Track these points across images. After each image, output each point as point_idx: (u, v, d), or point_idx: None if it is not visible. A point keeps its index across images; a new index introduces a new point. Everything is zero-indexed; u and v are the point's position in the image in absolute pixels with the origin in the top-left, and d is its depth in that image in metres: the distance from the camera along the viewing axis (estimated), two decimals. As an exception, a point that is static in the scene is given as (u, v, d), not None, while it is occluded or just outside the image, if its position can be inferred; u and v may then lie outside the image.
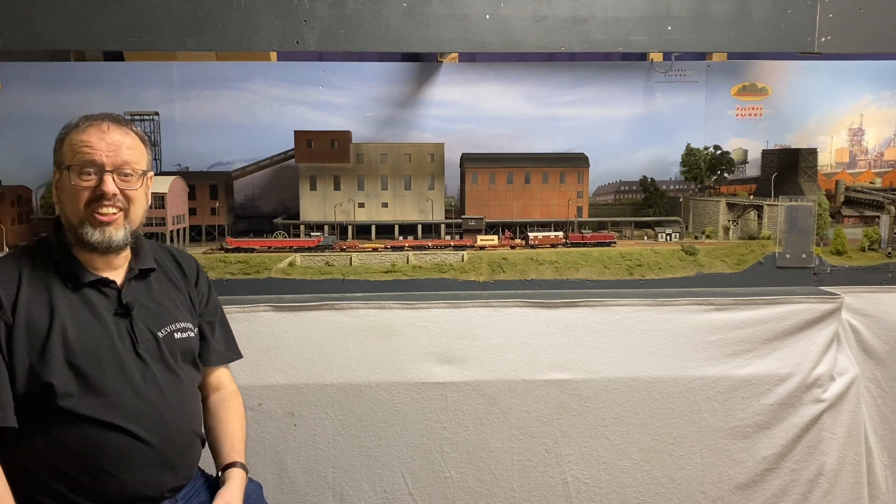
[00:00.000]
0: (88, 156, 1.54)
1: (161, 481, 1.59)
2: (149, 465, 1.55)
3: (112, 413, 1.51)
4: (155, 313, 1.65)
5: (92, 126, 1.56)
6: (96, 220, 1.54)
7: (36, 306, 1.50)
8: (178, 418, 1.62)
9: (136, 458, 1.54)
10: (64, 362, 1.48)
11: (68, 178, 1.54)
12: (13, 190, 2.64)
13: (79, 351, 1.50)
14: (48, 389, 1.46)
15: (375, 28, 2.20)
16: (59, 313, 1.51)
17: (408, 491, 2.44)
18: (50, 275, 1.54)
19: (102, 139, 1.55)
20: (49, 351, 1.47)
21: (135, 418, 1.53)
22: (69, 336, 1.50)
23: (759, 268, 2.68)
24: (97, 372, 1.51)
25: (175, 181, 2.65)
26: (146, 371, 1.58)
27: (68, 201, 1.55)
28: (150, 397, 1.57)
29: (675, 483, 2.51)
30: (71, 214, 1.55)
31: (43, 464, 1.48)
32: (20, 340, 1.46)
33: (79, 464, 1.49)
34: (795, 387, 2.49)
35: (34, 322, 1.48)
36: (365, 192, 2.93)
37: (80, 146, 1.54)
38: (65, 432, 1.48)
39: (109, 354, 1.54)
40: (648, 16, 2.28)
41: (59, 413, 1.47)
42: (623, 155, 3.18)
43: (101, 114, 1.61)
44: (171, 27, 2.15)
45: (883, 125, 3.25)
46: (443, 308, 2.42)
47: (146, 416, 1.55)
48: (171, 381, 1.62)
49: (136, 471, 1.54)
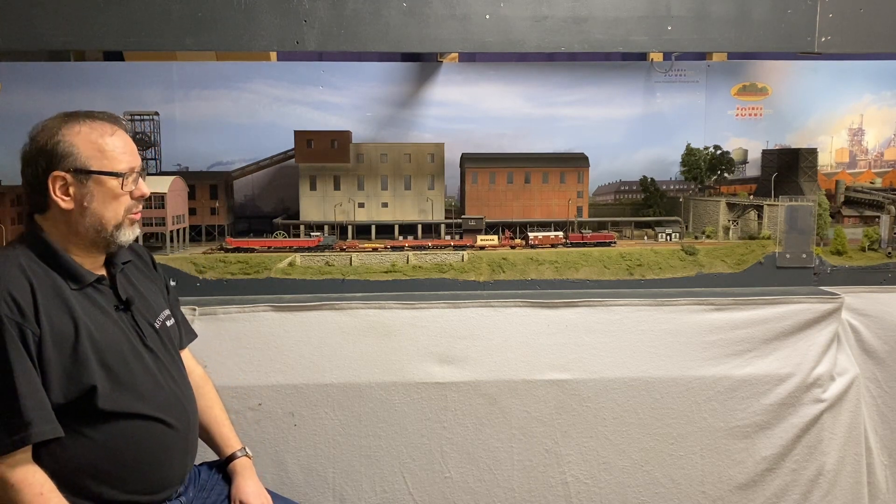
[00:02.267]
0: (130, 162, 1.58)
1: (186, 464, 1.67)
2: (180, 451, 1.63)
3: (145, 405, 1.55)
4: (145, 305, 1.68)
5: (119, 130, 1.59)
6: (132, 220, 1.60)
7: (55, 312, 1.48)
8: (191, 403, 1.70)
9: (171, 445, 1.60)
10: (97, 363, 1.49)
11: (112, 184, 1.54)
12: (13, 190, 2.64)
13: (106, 350, 1.52)
14: (90, 392, 1.47)
15: (375, 28, 2.20)
16: (79, 315, 1.50)
17: (408, 491, 2.44)
18: (52, 276, 1.53)
19: (127, 143, 1.60)
20: (82, 354, 1.47)
21: (163, 407, 1.58)
22: (95, 336, 1.51)
23: (759, 268, 2.68)
24: (124, 368, 1.54)
25: (175, 181, 2.64)
26: (157, 362, 1.62)
27: (105, 206, 1.55)
28: (169, 386, 1.62)
29: (675, 483, 2.51)
30: (108, 219, 1.55)
31: (81, 467, 1.48)
32: (50, 349, 1.44)
33: (120, 460, 1.51)
34: (795, 387, 2.49)
35: (59, 328, 1.47)
36: (365, 192, 2.93)
37: (118, 152, 1.56)
38: (101, 431, 1.50)
39: (129, 349, 1.57)
40: (648, 16, 2.28)
41: (97, 414, 1.48)
42: (623, 155, 3.18)
43: (103, 113, 1.61)
44: (171, 27, 2.15)
45: (883, 125, 3.25)
46: (443, 308, 2.42)
47: (170, 404, 1.60)
48: (177, 369, 1.69)
49: (171, 457, 1.60)
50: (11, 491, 1.40)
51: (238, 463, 1.82)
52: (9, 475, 1.40)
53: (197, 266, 2.51)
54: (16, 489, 1.40)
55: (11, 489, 1.40)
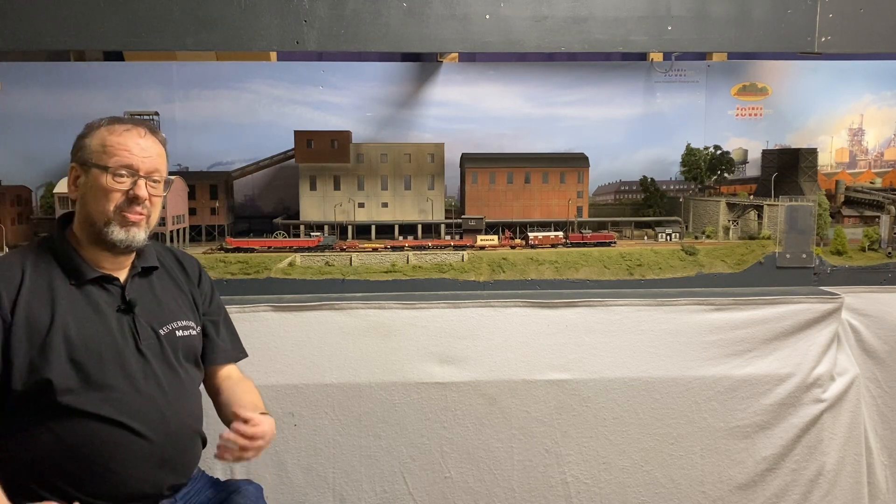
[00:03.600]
0: (127, 159, 1.58)
1: (160, 479, 1.60)
2: (148, 462, 1.56)
3: (112, 408, 1.52)
4: (157, 311, 1.67)
5: (130, 131, 1.61)
6: (125, 220, 1.58)
7: (37, 303, 1.52)
8: (179, 416, 1.63)
9: (136, 454, 1.55)
10: (65, 358, 1.50)
11: (100, 178, 1.57)
12: (13, 190, 2.64)
13: (80, 347, 1.51)
14: (47, 386, 1.47)
15: (375, 28, 2.20)
16: (61, 309, 1.52)
17: (408, 491, 2.44)
18: (53, 271, 1.57)
19: (139, 144, 1.60)
20: (50, 347, 1.49)
21: (135, 414, 1.54)
22: (70, 332, 1.52)
23: (759, 268, 2.68)
24: (98, 367, 1.53)
25: (175, 181, 2.64)
26: (147, 368, 1.59)
27: (95, 200, 1.58)
28: (151, 394, 1.58)
29: (675, 483, 2.51)
30: (97, 213, 1.58)
31: (41, 458, 1.49)
32: (19, 338, 1.48)
33: (78, 459, 1.50)
34: (795, 387, 2.49)
35: (35, 319, 1.50)
36: (365, 192, 2.92)
37: (118, 149, 1.58)
38: (64, 427, 1.49)
39: (110, 350, 1.55)
40: (648, 16, 2.27)
41: (59, 409, 1.49)
42: (623, 155, 3.18)
43: (133, 118, 1.69)
44: (171, 27, 2.15)
45: (883, 125, 3.24)
46: (443, 308, 2.42)
47: (146, 412, 1.56)
48: (171, 379, 1.64)
49: (135, 467, 1.55)
50: None
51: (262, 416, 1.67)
52: None
53: (197, 266, 2.51)
54: None
55: None
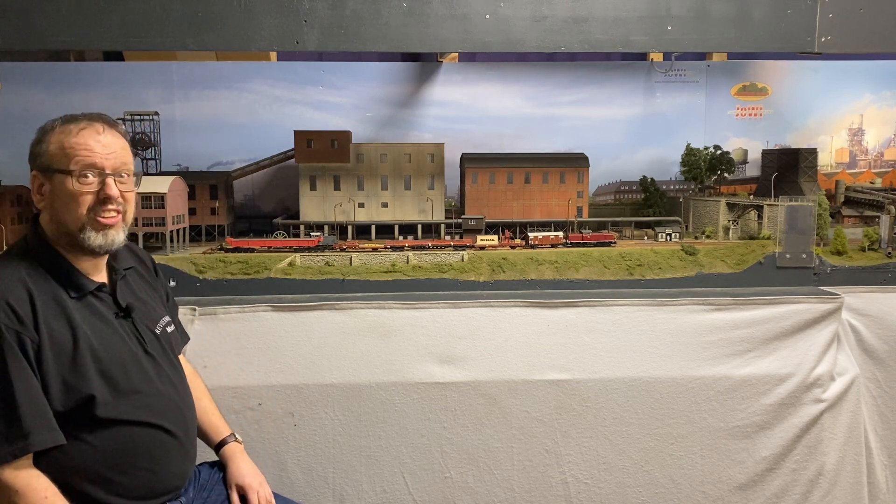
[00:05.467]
0: (89, 159, 1.50)
1: (186, 470, 1.67)
2: (179, 457, 1.62)
3: (143, 412, 1.54)
4: (145, 311, 1.68)
5: (86, 129, 1.53)
6: (99, 224, 1.52)
7: (54, 320, 1.47)
8: (190, 409, 1.70)
9: (170, 452, 1.59)
10: (96, 372, 1.49)
11: (65, 182, 1.50)
12: (13, 190, 2.64)
13: (105, 359, 1.51)
14: (89, 401, 1.46)
15: (375, 28, 2.20)
16: (78, 324, 1.49)
17: (408, 491, 2.44)
18: (52, 285, 1.50)
19: (99, 141, 1.52)
20: (81, 364, 1.47)
21: (162, 414, 1.58)
22: (94, 345, 1.50)
23: (759, 268, 2.68)
24: (124, 376, 1.53)
25: (175, 181, 2.64)
26: (158, 368, 1.62)
27: (64, 207, 1.50)
28: (168, 393, 1.62)
29: (675, 483, 2.51)
30: (69, 220, 1.51)
31: (79, 471, 1.48)
32: (48, 357, 1.44)
33: (116, 464, 1.51)
34: (795, 387, 2.49)
35: (57, 337, 1.46)
36: (365, 192, 2.93)
37: (79, 149, 1.50)
38: (101, 438, 1.49)
39: (129, 357, 1.56)
40: (648, 16, 2.28)
41: (96, 421, 1.48)
42: (623, 155, 3.18)
43: (87, 114, 1.56)
44: (171, 27, 2.15)
45: (883, 125, 3.25)
46: (443, 308, 2.42)
47: (169, 411, 1.60)
48: (177, 375, 1.68)
49: (169, 463, 1.60)
50: (17, 496, 1.40)
51: (229, 448, 1.83)
52: (13, 481, 1.40)
53: (197, 266, 2.51)
54: (20, 494, 1.40)
55: (16, 494, 1.40)
